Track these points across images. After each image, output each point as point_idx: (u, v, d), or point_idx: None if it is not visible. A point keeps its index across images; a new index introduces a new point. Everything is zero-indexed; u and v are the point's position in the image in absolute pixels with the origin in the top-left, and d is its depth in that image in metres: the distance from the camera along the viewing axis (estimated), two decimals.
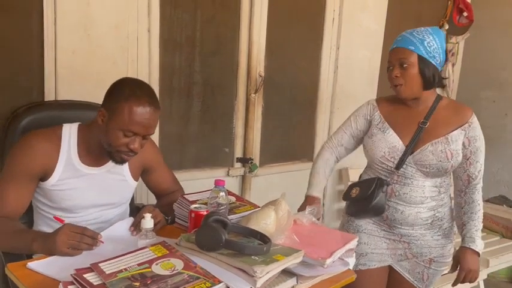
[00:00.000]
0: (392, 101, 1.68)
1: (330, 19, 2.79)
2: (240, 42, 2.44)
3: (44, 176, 1.42)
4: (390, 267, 1.72)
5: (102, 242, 1.27)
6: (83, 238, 1.23)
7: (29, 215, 1.53)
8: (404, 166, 1.59)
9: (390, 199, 1.62)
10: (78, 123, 1.50)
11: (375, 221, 1.69)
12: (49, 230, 1.34)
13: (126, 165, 1.54)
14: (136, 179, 1.62)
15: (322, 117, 2.90)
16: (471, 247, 1.59)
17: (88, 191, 1.47)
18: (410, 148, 1.59)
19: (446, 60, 1.61)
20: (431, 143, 1.57)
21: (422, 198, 1.60)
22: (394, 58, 1.58)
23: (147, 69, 2.09)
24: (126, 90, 1.37)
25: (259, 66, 2.50)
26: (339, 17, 2.82)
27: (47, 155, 1.41)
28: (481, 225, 1.63)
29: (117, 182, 1.55)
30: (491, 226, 3.11)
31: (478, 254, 1.60)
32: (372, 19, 2.95)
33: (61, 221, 1.34)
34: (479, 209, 1.63)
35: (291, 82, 2.75)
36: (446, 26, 3.51)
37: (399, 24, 3.00)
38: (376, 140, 1.65)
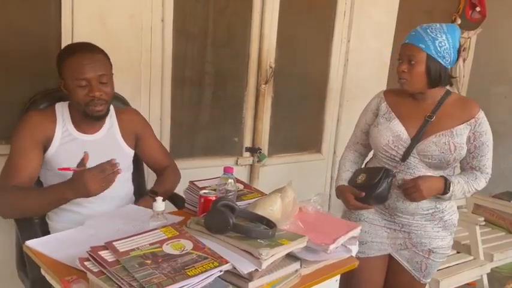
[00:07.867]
0: (400, 93, 1.70)
1: (341, 12, 2.81)
2: (251, 33, 2.46)
3: (46, 145, 1.56)
4: (390, 256, 1.76)
5: (119, 172, 1.36)
6: (105, 173, 1.34)
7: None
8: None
9: (393, 188, 1.65)
10: (68, 101, 1.64)
11: (377, 210, 1.73)
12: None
13: (118, 133, 1.70)
14: (131, 147, 1.73)
15: (331, 109, 2.93)
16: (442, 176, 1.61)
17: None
18: (416, 140, 1.61)
19: (459, 57, 1.62)
20: (435, 135, 1.60)
21: None
22: (403, 53, 1.61)
23: (160, 59, 2.14)
24: (61, 53, 1.56)
25: (270, 57, 2.53)
26: (350, 10, 2.83)
27: (46, 123, 1.57)
28: (467, 188, 1.63)
29: (113, 148, 1.68)
30: (497, 221, 3.11)
31: (444, 182, 1.59)
32: (383, 12, 2.96)
33: (66, 169, 1.43)
34: (475, 178, 1.64)
35: (301, 74, 2.77)
36: (459, 21, 3.49)
37: (411, 18, 3.00)
38: (381, 129, 1.68)
